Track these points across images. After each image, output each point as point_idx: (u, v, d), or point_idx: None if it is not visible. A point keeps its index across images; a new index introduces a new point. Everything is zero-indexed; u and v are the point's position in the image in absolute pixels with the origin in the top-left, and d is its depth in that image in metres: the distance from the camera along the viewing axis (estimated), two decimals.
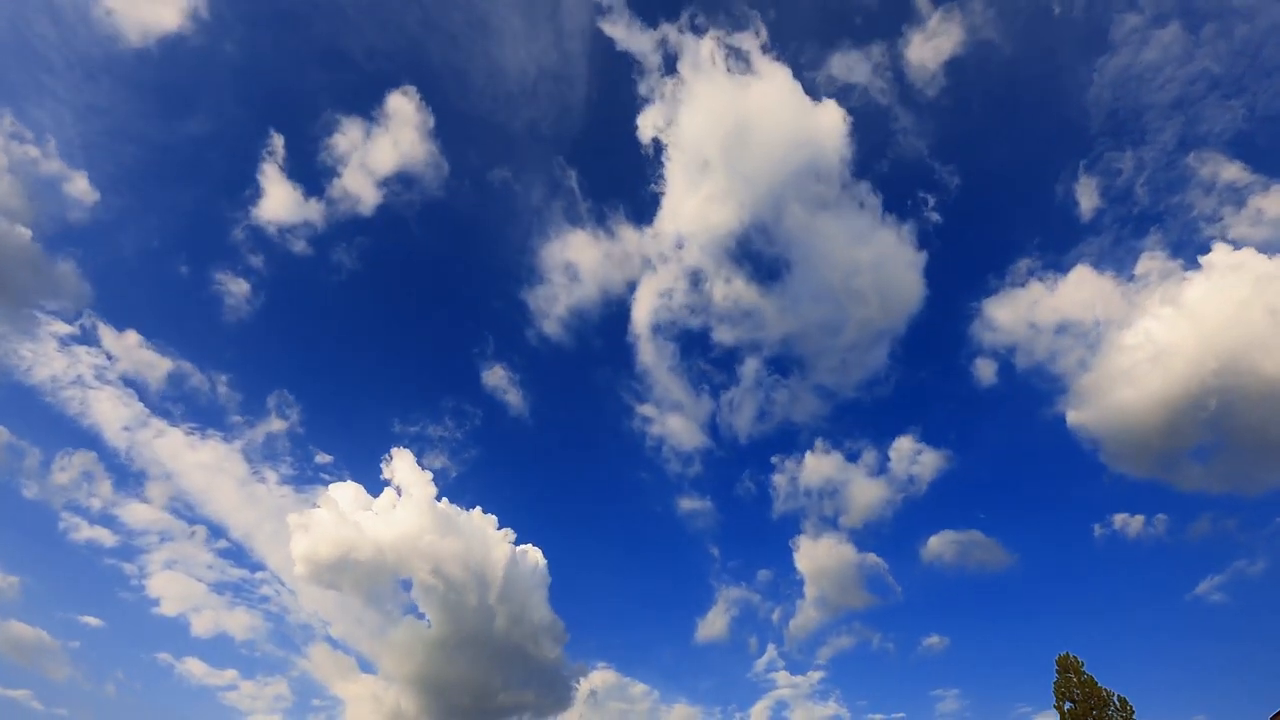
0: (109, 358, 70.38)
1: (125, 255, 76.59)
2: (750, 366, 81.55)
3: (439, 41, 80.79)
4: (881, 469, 75.71)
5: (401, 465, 68.67)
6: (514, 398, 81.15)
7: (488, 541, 65.58)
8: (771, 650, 71.34)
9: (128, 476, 69.23)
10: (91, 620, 65.17)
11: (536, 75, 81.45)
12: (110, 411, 69.43)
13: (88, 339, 70.10)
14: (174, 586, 67.56)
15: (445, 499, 68.69)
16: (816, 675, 69.71)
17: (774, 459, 79.12)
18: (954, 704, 67.18)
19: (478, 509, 68.11)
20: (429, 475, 69.10)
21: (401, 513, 65.16)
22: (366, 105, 78.02)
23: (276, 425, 74.86)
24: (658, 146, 76.89)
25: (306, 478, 75.34)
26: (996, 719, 71.64)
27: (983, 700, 67.19)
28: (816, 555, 72.86)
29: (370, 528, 63.39)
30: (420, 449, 77.31)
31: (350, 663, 67.61)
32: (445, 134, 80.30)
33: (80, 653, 63.58)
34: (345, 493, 66.32)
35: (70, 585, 67.59)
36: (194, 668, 66.34)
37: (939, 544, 72.29)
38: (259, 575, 71.00)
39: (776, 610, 73.30)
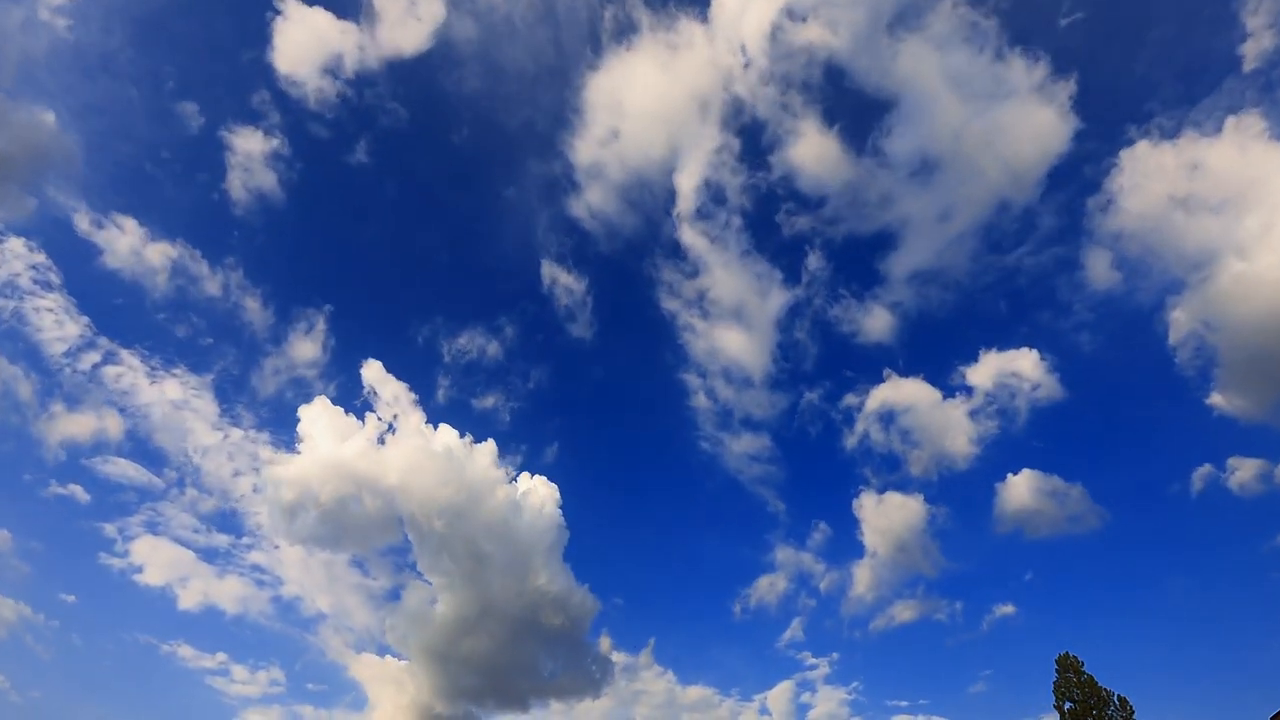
0: (88, 248, 63.86)
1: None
2: (816, 262, 71.22)
3: None
4: (961, 392, 67.29)
5: (379, 383, 64.29)
6: (558, 298, 73.75)
7: (490, 482, 60.34)
8: (797, 624, 66.59)
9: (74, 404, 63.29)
10: (69, 598, 61.20)
11: None
12: (55, 330, 61.61)
13: (58, 225, 62.16)
14: (159, 553, 63.86)
15: (432, 425, 64.11)
16: (847, 655, 66.32)
17: (847, 373, 71.37)
18: (985, 686, 63.25)
19: (469, 437, 62.97)
20: (414, 397, 65.49)
21: (392, 450, 61.10)
22: None
23: (305, 349, 69.81)
24: None
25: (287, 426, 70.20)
26: (1026, 710, 68.78)
27: (1022, 685, 63.34)
28: (881, 511, 67.08)
29: (361, 469, 59.52)
30: (435, 371, 73.27)
31: (349, 638, 65.46)
32: None
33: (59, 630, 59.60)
34: (319, 423, 61.04)
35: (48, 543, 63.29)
36: (183, 651, 63.45)
37: (1018, 497, 64.78)
38: (245, 540, 66.47)
39: (827, 577, 67.11)
